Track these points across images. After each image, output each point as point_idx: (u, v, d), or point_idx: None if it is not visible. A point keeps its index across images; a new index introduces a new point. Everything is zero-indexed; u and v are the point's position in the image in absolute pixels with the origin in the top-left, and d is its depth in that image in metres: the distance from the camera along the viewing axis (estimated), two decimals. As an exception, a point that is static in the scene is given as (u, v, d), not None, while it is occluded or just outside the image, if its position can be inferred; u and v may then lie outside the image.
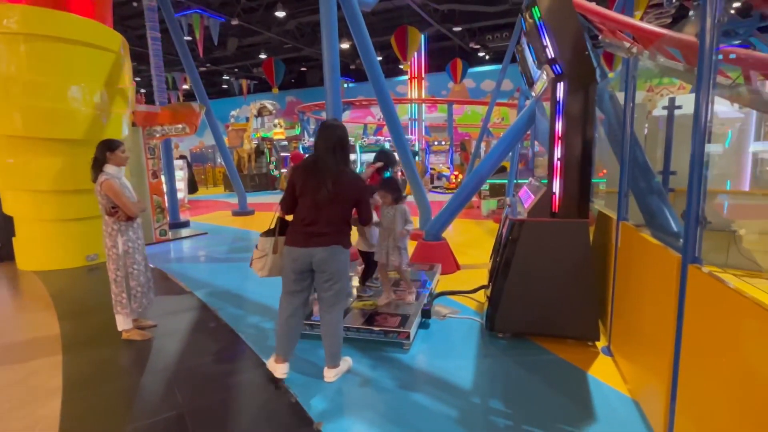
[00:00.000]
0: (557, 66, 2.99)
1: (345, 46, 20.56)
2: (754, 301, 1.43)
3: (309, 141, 16.23)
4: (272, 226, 2.87)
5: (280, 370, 2.84)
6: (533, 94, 4.22)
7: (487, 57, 23.07)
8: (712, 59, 1.71)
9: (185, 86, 25.17)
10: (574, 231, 3.09)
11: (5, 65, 5.37)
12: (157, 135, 7.30)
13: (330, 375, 2.86)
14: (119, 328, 3.60)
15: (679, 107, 4.43)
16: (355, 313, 3.61)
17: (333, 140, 2.59)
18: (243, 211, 10.70)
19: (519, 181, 8.85)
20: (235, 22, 17.54)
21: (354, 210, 2.76)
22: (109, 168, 3.44)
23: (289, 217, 2.77)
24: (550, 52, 2.98)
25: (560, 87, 3.03)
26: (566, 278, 3.12)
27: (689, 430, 1.86)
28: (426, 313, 3.68)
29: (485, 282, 4.56)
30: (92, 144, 5.83)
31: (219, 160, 23.46)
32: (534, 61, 3.38)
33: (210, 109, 8.91)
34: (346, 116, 25.38)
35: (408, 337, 3.23)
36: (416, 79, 20.33)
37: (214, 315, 4.13)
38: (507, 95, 22.38)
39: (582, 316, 3.13)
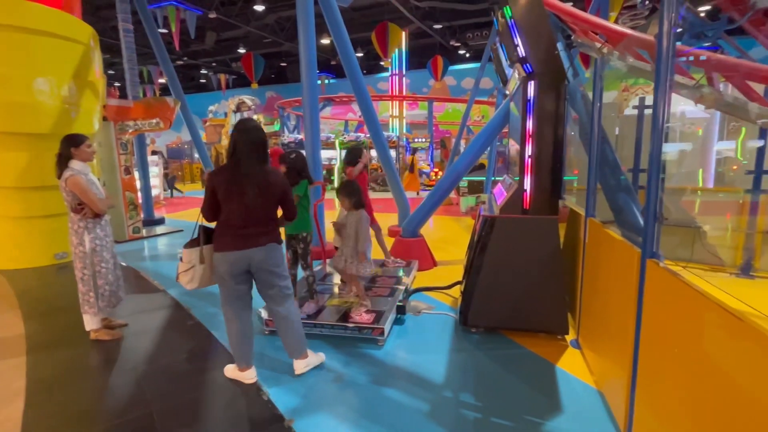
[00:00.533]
0: (528, 65, 3.04)
1: (326, 41, 20.42)
2: (706, 296, 1.49)
3: (289, 137, 16.08)
4: (195, 236, 2.77)
5: (248, 376, 2.81)
6: (507, 92, 4.28)
7: (467, 55, 23.23)
8: (669, 60, 1.77)
9: (161, 80, 24.63)
10: (544, 227, 3.15)
11: (-34, 56, 5.16)
12: (130, 130, 7.13)
13: (300, 366, 2.88)
14: (87, 328, 3.52)
15: (649, 107, 4.56)
16: (330, 310, 3.62)
17: (254, 142, 2.57)
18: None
19: (497, 179, 8.98)
20: (212, 15, 17.23)
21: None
22: (75, 164, 3.36)
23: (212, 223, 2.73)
24: (521, 51, 3.03)
25: (531, 85, 3.08)
26: (537, 273, 3.19)
27: (648, 419, 1.93)
28: (401, 309, 3.71)
29: (460, 278, 4.61)
30: (60, 139, 5.72)
31: (196, 155, 23.03)
32: (506, 60, 3.42)
33: (186, 104, 8.74)
34: (327, 112, 25.22)
35: (382, 333, 3.25)
36: (397, 76, 20.34)
37: (187, 313, 4.08)
38: (487, 93, 22.61)
39: (552, 310, 3.20)
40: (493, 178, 8.52)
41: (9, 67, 5.31)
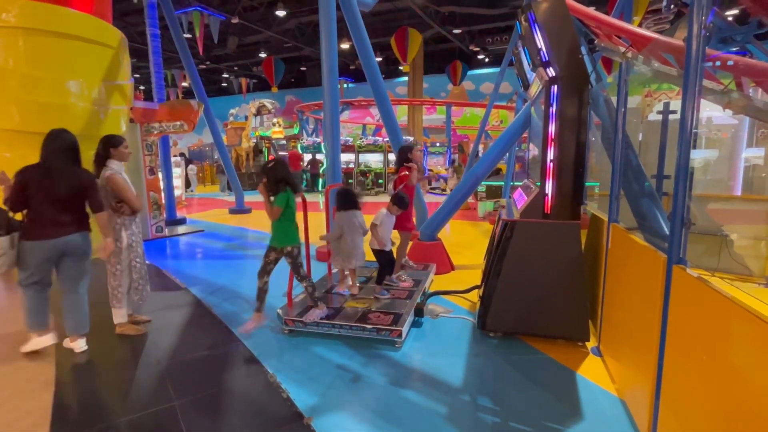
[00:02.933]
0: (551, 69, 3.02)
1: (345, 46, 20.60)
2: (736, 302, 1.46)
3: (307, 140, 16.26)
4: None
5: (47, 339, 3.22)
6: (528, 96, 4.26)
7: (486, 60, 23.18)
8: (698, 65, 1.75)
9: (184, 84, 25.21)
10: (565, 232, 3.13)
11: (3, 59, 5.38)
12: (155, 132, 7.31)
13: (81, 344, 3.27)
14: (115, 322, 3.64)
15: (674, 112, 4.48)
16: (348, 311, 3.64)
17: (65, 144, 3.12)
18: (240, 209, 10.71)
19: (515, 183, 8.90)
20: (235, 20, 17.56)
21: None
22: (112, 163, 3.55)
23: (18, 216, 3.11)
24: (545, 55, 3.02)
25: (554, 90, 3.06)
26: (557, 279, 3.16)
27: (673, 429, 1.89)
28: (419, 312, 3.71)
29: (479, 282, 4.59)
30: (90, 139, 5.89)
31: (217, 157, 23.44)
32: (529, 64, 3.42)
33: (208, 107, 8.93)
34: (345, 116, 25.39)
35: (400, 335, 3.26)
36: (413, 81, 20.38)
37: (209, 311, 4.15)
38: (506, 98, 22.48)
39: (572, 316, 3.16)
40: (511, 183, 8.45)
41: (42, 70, 5.51)
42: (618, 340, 2.79)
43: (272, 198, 3.40)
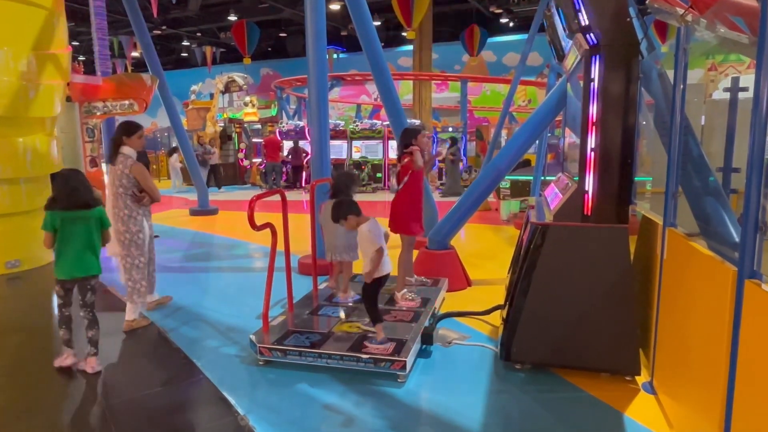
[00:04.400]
0: (592, 35, 3.04)
1: (335, 6, 20.68)
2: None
3: (288, 124, 16.28)
4: None
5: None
6: (564, 70, 4.27)
7: (511, 24, 23.23)
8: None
9: (135, 54, 25.27)
10: (610, 239, 3.13)
11: None
12: (98, 113, 7.34)
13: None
14: (128, 318, 4.21)
15: (745, 89, 4.49)
16: (338, 337, 3.64)
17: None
18: (203, 209, 10.71)
19: (547, 178, 8.92)
20: (199, -27, 17.65)
21: None
22: (126, 149, 4.19)
23: None
24: (584, 18, 3.03)
25: (595, 61, 3.08)
26: (600, 297, 3.16)
27: (744, 484, 1.89)
28: (427, 339, 3.71)
29: (501, 301, 4.60)
30: (14, 122, 5.94)
31: (175, 144, 23.46)
32: (564, 29, 3.43)
33: (165, 83, 8.94)
34: (335, 94, 25.47)
35: (404, 367, 3.25)
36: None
37: (164, 337, 4.15)
38: (535, 72, 22.60)
39: (619, 344, 3.17)
40: (542, 178, 8.47)
41: (-43, 37, 5.51)
42: (676, 374, 2.78)
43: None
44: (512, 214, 9.25)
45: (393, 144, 14.82)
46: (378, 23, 22.43)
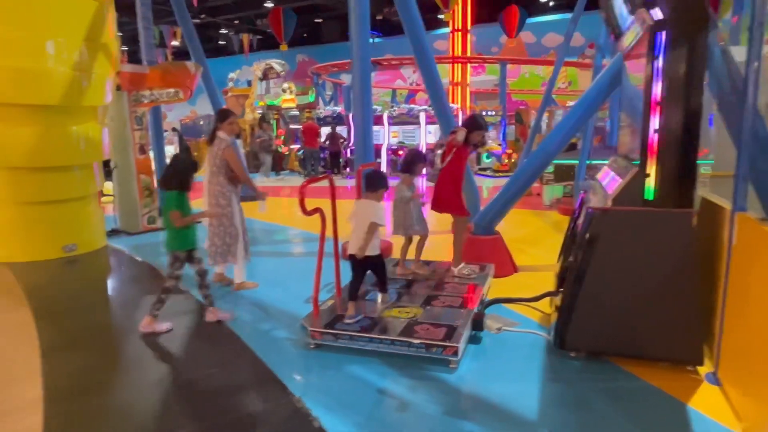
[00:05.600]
0: (657, 10, 2.88)
1: (371, -9, 20.51)
2: None
3: (325, 110, 16.30)
4: None
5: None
6: (620, 48, 4.09)
7: (551, 3, 22.53)
8: None
9: (174, 42, 25.70)
10: (674, 224, 3.01)
11: (-33, 16, 5.57)
12: (145, 101, 7.48)
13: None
14: (237, 280, 4.93)
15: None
16: (388, 322, 3.63)
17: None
18: (247, 194, 10.82)
19: (593, 162, 8.66)
20: (236, -39, 17.76)
21: None
22: (222, 134, 4.71)
23: None
24: (649, -9, 2.88)
25: (660, 38, 2.93)
26: (662, 284, 3.05)
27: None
28: (477, 325, 3.66)
29: (552, 288, 4.50)
30: (71, 112, 6.12)
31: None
32: (626, 4, 3.27)
33: (207, 71, 9.05)
34: (371, 79, 25.34)
35: (456, 353, 3.22)
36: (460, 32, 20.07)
37: (217, 320, 4.23)
38: (576, 53, 21.89)
39: (681, 333, 3.05)
40: (588, 161, 8.22)
41: (12, 28, 5.68)
42: (746, 365, 2.67)
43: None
44: (555, 199, 9.04)
45: (431, 128, 14.70)
46: (414, 6, 22.09)
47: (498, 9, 20.93)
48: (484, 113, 17.59)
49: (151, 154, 8.12)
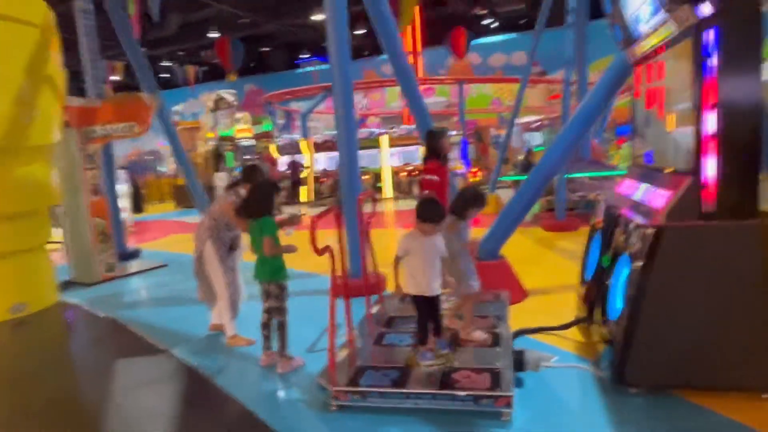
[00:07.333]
0: (705, 4, 2.62)
1: (319, 18, 20.25)
2: None
3: (283, 138, 15.74)
4: None
5: None
6: (631, 55, 3.85)
7: (495, 25, 23.04)
8: None
9: (114, 77, 24.47)
10: (742, 236, 2.72)
11: None
12: (98, 137, 6.75)
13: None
14: (229, 334, 4.21)
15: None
16: (419, 373, 3.14)
17: None
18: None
19: (572, 176, 8.56)
20: (178, -9, 17.12)
21: None
22: (242, 190, 4.10)
23: None
24: (695, -14, 2.61)
25: (709, 35, 2.66)
26: (731, 304, 2.75)
27: None
28: (519, 364, 3.22)
29: (570, 311, 4.16)
30: (11, 152, 5.34)
31: (163, 168, 22.79)
32: (658, 5, 2.99)
33: (162, 102, 8.38)
34: (322, 106, 24.93)
35: (509, 404, 2.77)
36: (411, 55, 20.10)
37: (207, 382, 3.60)
38: (518, 71, 22.32)
39: (755, 357, 2.74)
40: (566, 176, 8.09)
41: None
42: None
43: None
44: (535, 214, 8.84)
45: (393, 151, 14.44)
46: (362, 32, 22.04)
47: (444, 31, 21.15)
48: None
49: (107, 195, 7.32)
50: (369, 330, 3.91)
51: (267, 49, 27.27)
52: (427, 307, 3.33)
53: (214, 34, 22.42)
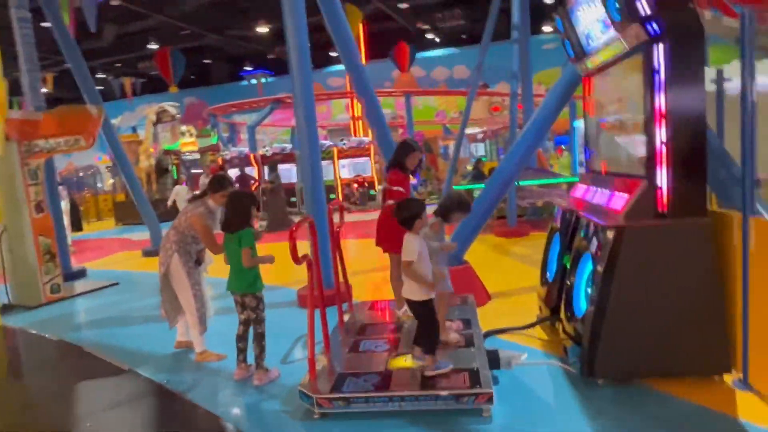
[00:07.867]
0: (653, 24, 2.88)
1: (263, 30, 20.13)
2: None
3: (231, 151, 15.44)
4: None
5: None
6: (582, 69, 4.13)
7: (437, 39, 23.66)
8: None
9: (45, 90, 23.22)
10: (692, 234, 2.97)
11: None
12: (40, 151, 6.41)
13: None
14: (198, 350, 4.11)
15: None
16: (399, 376, 3.20)
17: None
18: (158, 249, 9.76)
19: (521, 183, 8.92)
20: (115, 2, 16.53)
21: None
22: (211, 202, 4.08)
23: None
24: (644, 8, 2.87)
25: (658, 51, 2.92)
26: (687, 296, 3.00)
27: None
28: (494, 363, 3.35)
29: (532, 312, 4.38)
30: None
31: (101, 184, 21.80)
32: (609, 21, 3.24)
33: (107, 114, 8.07)
34: (268, 119, 24.65)
35: (490, 400, 2.88)
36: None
37: (184, 400, 3.51)
38: (463, 84, 23.02)
39: (709, 343, 3.01)
40: (517, 183, 8.43)
41: None
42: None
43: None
44: (487, 223, 9.13)
45: (344, 162, 14.51)
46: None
47: (387, 46, 21.50)
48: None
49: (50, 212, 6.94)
50: (344, 338, 3.94)
51: (209, 61, 26.70)
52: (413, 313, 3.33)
53: (153, 46, 21.73)
